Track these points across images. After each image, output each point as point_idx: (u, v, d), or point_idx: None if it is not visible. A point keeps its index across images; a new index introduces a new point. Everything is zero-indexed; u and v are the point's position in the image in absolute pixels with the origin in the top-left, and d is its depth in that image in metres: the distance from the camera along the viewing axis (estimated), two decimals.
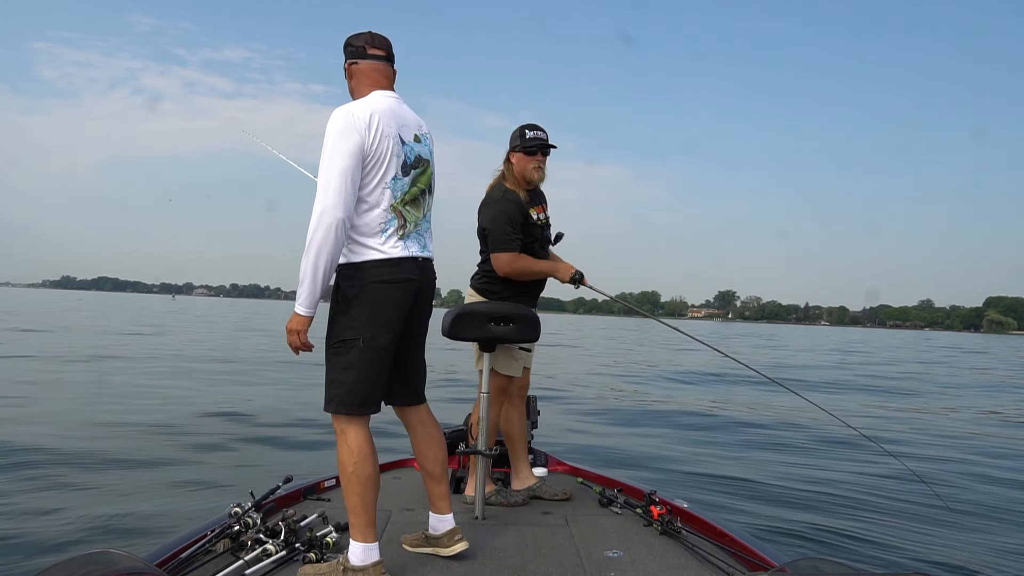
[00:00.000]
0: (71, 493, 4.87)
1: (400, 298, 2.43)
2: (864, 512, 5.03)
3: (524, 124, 3.32)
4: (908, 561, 4.04)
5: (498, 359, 3.23)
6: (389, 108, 2.44)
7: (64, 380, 11.14)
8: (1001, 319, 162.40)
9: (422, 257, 2.51)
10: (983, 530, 4.75)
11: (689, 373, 16.71)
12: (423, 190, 2.52)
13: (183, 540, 2.58)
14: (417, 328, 2.59)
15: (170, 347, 19.02)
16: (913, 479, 5.08)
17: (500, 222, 3.22)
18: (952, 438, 8.86)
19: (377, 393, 2.45)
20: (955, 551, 4.25)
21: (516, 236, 3.22)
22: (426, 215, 2.56)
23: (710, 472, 6.25)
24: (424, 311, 2.60)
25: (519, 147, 3.30)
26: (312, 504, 3.18)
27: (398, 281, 2.41)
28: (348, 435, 2.39)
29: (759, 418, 9.82)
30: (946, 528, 4.72)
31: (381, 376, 2.44)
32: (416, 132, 2.51)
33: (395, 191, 2.43)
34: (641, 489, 3.34)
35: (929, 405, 12.72)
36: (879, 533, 4.53)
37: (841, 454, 7.24)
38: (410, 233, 2.48)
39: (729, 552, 2.63)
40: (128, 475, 5.41)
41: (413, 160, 2.48)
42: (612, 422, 9.24)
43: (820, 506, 5.18)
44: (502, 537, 2.84)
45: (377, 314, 2.39)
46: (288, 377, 12.16)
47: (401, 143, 2.43)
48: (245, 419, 8.10)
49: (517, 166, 3.31)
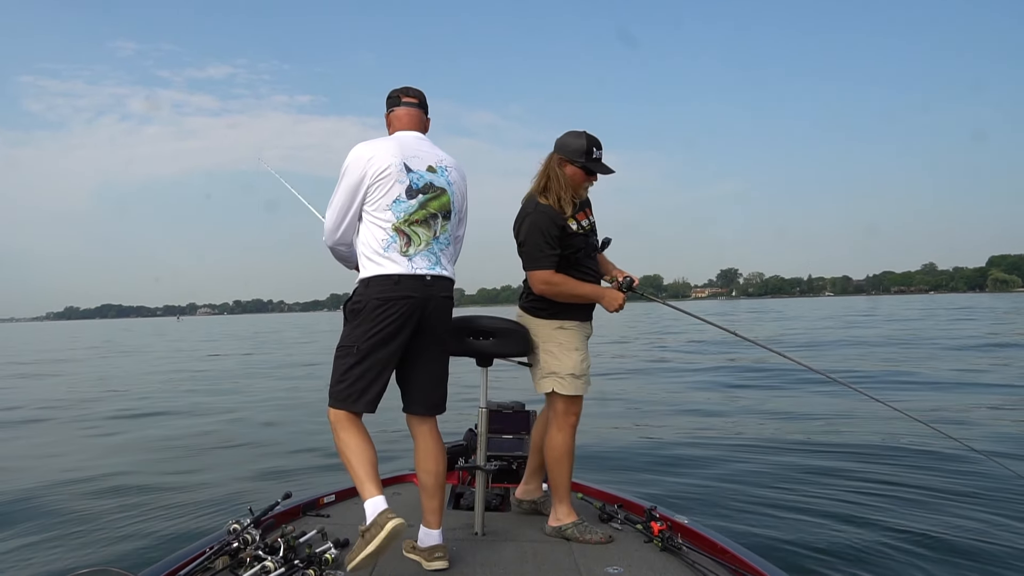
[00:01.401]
0: (68, 512, 4.88)
1: (397, 313, 2.58)
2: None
3: (588, 136, 2.98)
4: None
5: (550, 376, 2.98)
6: (400, 141, 2.75)
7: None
8: (1006, 277, 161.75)
9: (430, 275, 2.66)
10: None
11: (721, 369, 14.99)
12: (434, 214, 2.71)
13: (182, 558, 2.56)
14: (425, 342, 2.70)
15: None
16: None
17: (533, 236, 2.94)
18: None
19: (367, 396, 2.60)
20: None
21: (551, 252, 2.94)
22: (439, 237, 2.72)
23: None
24: (434, 326, 2.70)
25: (582, 163, 2.97)
26: (311, 520, 3.16)
27: (396, 298, 2.58)
28: (339, 427, 2.62)
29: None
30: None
31: (373, 382, 2.60)
32: (431, 163, 2.75)
33: (397, 212, 2.64)
34: (641, 505, 3.30)
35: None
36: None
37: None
38: (418, 252, 2.66)
39: (730, 569, 2.61)
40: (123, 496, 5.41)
41: (421, 186, 2.69)
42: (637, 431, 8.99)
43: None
44: (501, 552, 2.82)
45: (372, 327, 2.57)
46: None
47: (407, 170, 2.67)
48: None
49: (572, 180, 3.00)
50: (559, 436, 3.02)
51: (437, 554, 2.66)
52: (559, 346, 3.01)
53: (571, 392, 2.99)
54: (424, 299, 2.63)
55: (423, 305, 2.62)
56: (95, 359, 25.27)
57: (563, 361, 3.00)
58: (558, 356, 3.00)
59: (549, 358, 3.01)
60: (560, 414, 3.03)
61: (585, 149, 2.96)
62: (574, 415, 3.04)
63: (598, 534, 2.95)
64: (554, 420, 3.06)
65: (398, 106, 2.86)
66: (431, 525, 2.71)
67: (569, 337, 3.04)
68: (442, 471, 2.75)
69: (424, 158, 2.75)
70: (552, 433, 3.06)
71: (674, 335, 26.18)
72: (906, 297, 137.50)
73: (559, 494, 3.05)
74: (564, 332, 3.03)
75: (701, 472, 5.96)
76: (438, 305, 2.68)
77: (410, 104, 2.86)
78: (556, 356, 3.00)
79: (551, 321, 3.04)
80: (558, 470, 3.04)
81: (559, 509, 3.05)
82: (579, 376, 3.01)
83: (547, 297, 3.00)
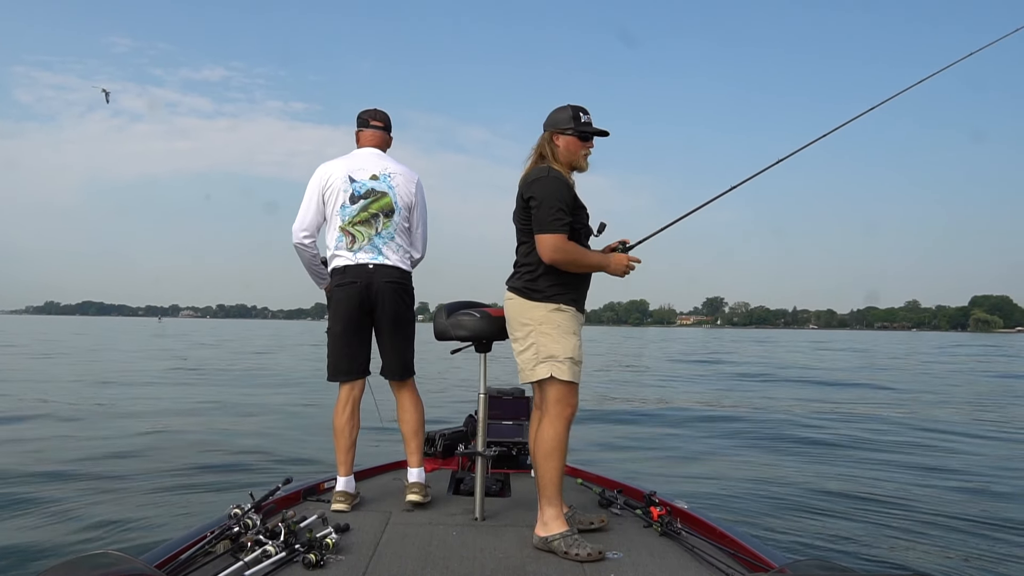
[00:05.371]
0: (69, 496, 4.83)
1: (347, 297, 3.22)
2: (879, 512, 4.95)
3: (573, 105, 2.93)
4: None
5: (547, 361, 2.78)
6: (351, 158, 3.36)
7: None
8: (988, 318, 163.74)
9: (373, 264, 3.24)
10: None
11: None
12: (375, 214, 3.28)
13: (183, 541, 2.56)
14: (382, 320, 3.28)
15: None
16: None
17: (550, 198, 2.77)
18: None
19: (343, 367, 3.27)
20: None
21: (568, 220, 2.79)
22: (381, 232, 3.28)
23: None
24: (385, 306, 3.26)
25: (572, 130, 2.90)
26: (312, 505, 3.17)
27: (346, 284, 3.23)
28: (337, 404, 3.28)
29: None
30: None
31: (343, 354, 3.26)
32: (375, 172, 3.32)
33: (343, 216, 3.26)
34: (641, 490, 3.33)
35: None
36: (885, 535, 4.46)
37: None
38: (361, 247, 3.25)
39: (729, 553, 2.63)
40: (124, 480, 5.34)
41: (363, 192, 3.28)
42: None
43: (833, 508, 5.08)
44: (502, 538, 2.83)
45: (335, 310, 3.27)
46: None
47: (351, 181, 3.27)
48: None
49: (565, 150, 2.91)
50: (551, 429, 2.76)
51: (413, 489, 3.21)
52: (557, 328, 2.80)
53: (570, 378, 2.77)
54: (367, 283, 3.21)
55: (367, 288, 3.21)
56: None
57: (562, 344, 2.78)
58: (556, 339, 2.79)
59: (547, 340, 2.79)
60: (554, 404, 2.78)
61: (572, 115, 2.92)
62: (570, 406, 2.80)
63: (587, 548, 2.63)
64: (547, 411, 2.80)
65: (366, 127, 3.45)
66: (411, 464, 3.30)
67: (567, 320, 2.84)
68: (415, 421, 3.33)
69: (369, 169, 3.32)
70: (544, 426, 2.79)
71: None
72: (889, 333, 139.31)
73: (547, 494, 2.76)
74: (561, 315, 2.83)
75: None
76: (381, 288, 3.23)
77: (376, 127, 3.45)
78: (554, 339, 2.79)
79: (547, 304, 2.83)
80: (547, 466, 2.76)
81: (547, 513, 2.76)
82: (578, 362, 2.82)
83: (556, 266, 2.80)
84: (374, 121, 3.45)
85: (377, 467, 3.78)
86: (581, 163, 2.95)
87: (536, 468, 2.82)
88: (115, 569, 1.82)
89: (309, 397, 11.76)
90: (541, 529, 2.75)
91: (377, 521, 2.97)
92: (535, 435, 2.85)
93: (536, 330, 2.81)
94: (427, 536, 2.81)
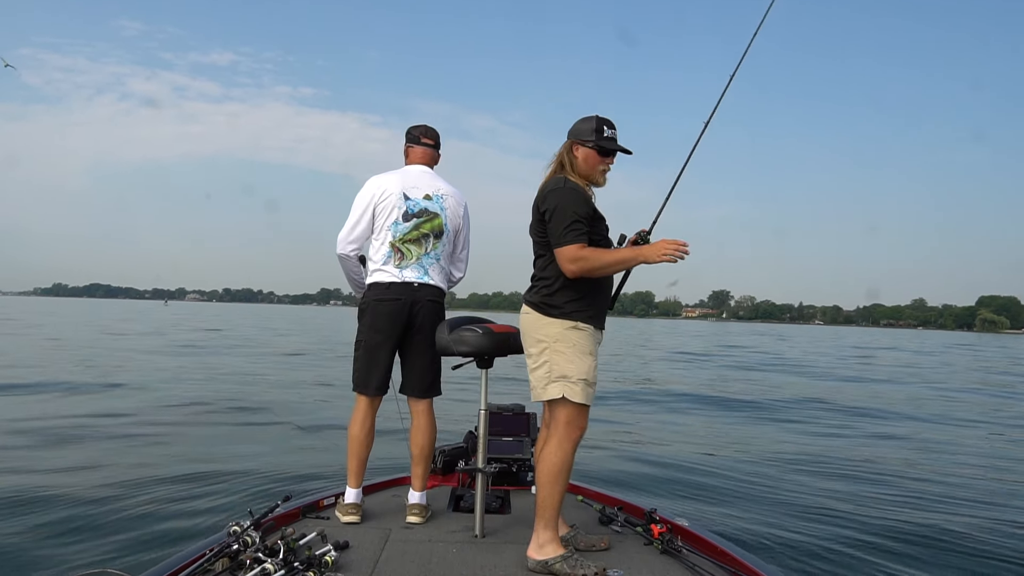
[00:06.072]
0: (66, 511, 4.81)
1: (389, 312, 3.22)
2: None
3: (598, 116, 2.84)
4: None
5: (560, 380, 2.71)
6: (404, 174, 3.36)
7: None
8: (994, 318, 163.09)
9: (418, 282, 3.26)
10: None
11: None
12: (426, 234, 3.30)
13: (181, 560, 2.56)
14: (415, 337, 3.28)
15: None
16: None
17: (564, 210, 2.69)
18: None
19: (372, 380, 3.25)
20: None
21: (585, 229, 2.70)
22: (430, 252, 3.31)
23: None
24: (421, 324, 3.27)
25: (592, 143, 2.81)
26: (311, 522, 3.16)
27: (388, 300, 3.23)
28: (355, 412, 3.29)
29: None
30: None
31: (376, 368, 3.24)
32: (428, 192, 3.34)
33: (394, 232, 3.26)
34: (641, 507, 3.32)
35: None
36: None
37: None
38: (409, 264, 3.26)
39: (730, 571, 2.63)
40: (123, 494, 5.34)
41: (416, 211, 3.29)
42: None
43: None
44: (502, 555, 2.83)
45: (372, 322, 3.26)
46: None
47: (405, 198, 3.28)
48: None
49: (583, 162, 2.83)
50: (559, 451, 2.69)
51: (414, 511, 3.24)
52: (572, 347, 2.72)
53: (582, 400, 2.69)
54: (411, 301, 3.24)
55: (411, 305, 3.23)
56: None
57: (577, 364, 2.70)
58: (572, 359, 2.70)
59: (560, 359, 2.71)
60: (564, 425, 2.71)
61: (595, 127, 2.82)
62: (579, 428, 2.73)
63: (591, 569, 2.61)
64: (555, 432, 2.73)
65: (417, 144, 3.45)
66: (415, 488, 3.31)
67: (583, 339, 2.75)
68: (427, 445, 3.32)
69: (423, 188, 3.34)
70: (551, 447, 2.72)
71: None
72: (895, 331, 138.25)
73: (546, 516, 2.70)
74: (578, 333, 2.74)
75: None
76: (424, 307, 3.25)
77: (427, 145, 3.45)
78: (569, 358, 2.71)
79: (564, 321, 2.74)
80: (551, 490, 2.70)
81: (542, 536, 2.69)
82: (591, 384, 2.73)
83: (578, 277, 2.71)
84: (425, 139, 3.45)
85: (378, 483, 3.78)
86: (598, 178, 2.86)
87: (538, 488, 2.76)
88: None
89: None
90: (536, 552, 2.70)
91: (377, 538, 2.97)
92: (540, 454, 2.79)
93: (551, 348, 2.73)
94: (427, 553, 2.81)
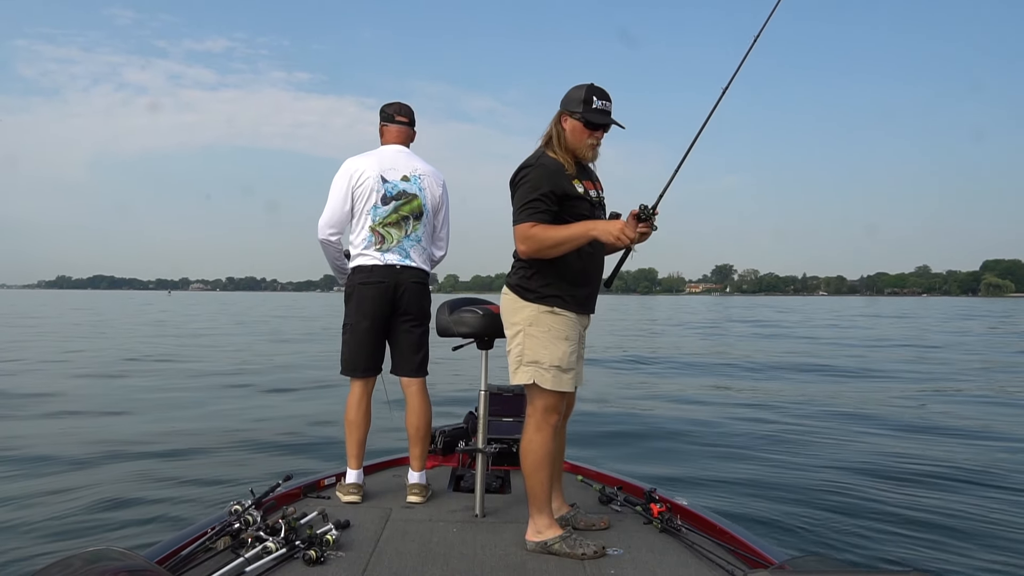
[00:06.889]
0: (68, 489, 4.85)
1: (373, 295, 3.21)
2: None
3: (590, 85, 2.62)
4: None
5: (531, 365, 2.61)
6: (380, 156, 3.29)
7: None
8: (999, 282, 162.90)
9: (400, 265, 3.25)
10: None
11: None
12: (406, 216, 3.26)
13: (183, 538, 2.56)
14: (401, 319, 3.29)
15: None
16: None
17: (523, 188, 2.55)
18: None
19: (362, 363, 3.25)
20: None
21: (540, 207, 2.51)
22: (410, 235, 3.27)
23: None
24: (407, 305, 3.27)
25: (580, 115, 2.59)
26: (312, 502, 3.16)
27: (372, 283, 3.22)
28: (350, 397, 3.28)
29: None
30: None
31: (364, 351, 3.24)
32: (406, 173, 3.28)
33: (374, 216, 3.23)
34: (641, 487, 3.31)
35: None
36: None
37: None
38: (390, 248, 3.24)
39: (729, 549, 2.62)
40: (127, 470, 5.37)
41: (395, 194, 3.25)
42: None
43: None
44: (502, 535, 2.83)
45: (358, 306, 3.25)
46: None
47: (383, 181, 3.23)
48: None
49: (571, 135, 2.63)
50: (537, 437, 2.61)
51: (414, 490, 3.22)
52: (547, 332, 2.60)
53: (551, 387, 2.59)
54: (395, 284, 3.22)
55: (394, 288, 3.22)
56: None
57: (550, 350, 2.59)
58: (544, 344, 2.59)
59: (533, 344, 2.60)
60: (540, 410, 2.62)
61: (583, 98, 2.59)
62: (556, 414, 2.63)
63: (590, 548, 2.56)
64: (531, 417, 2.64)
65: (391, 123, 3.38)
66: (414, 468, 3.28)
67: (559, 324, 2.62)
68: (423, 425, 3.30)
69: (400, 169, 3.28)
70: (529, 433, 2.63)
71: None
72: (900, 299, 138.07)
73: (538, 503, 2.65)
74: (553, 318, 2.61)
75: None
76: (408, 288, 3.24)
77: (401, 123, 3.39)
78: (542, 343, 2.59)
79: (538, 305, 2.62)
80: (536, 478, 2.62)
81: (539, 522, 2.64)
82: (565, 370, 2.60)
83: (535, 257, 2.57)
84: (399, 116, 3.38)
85: (378, 463, 3.77)
86: (585, 153, 2.66)
87: (525, 478, 2.69)
88: (116, 565, 1.80)
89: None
90: (535, 535, 2.66)
91: (377, 517, 2.97)
92: (522, 441, 2.71)
93: (524, 331, 2.63)
94: (427, 533, 2.81)
